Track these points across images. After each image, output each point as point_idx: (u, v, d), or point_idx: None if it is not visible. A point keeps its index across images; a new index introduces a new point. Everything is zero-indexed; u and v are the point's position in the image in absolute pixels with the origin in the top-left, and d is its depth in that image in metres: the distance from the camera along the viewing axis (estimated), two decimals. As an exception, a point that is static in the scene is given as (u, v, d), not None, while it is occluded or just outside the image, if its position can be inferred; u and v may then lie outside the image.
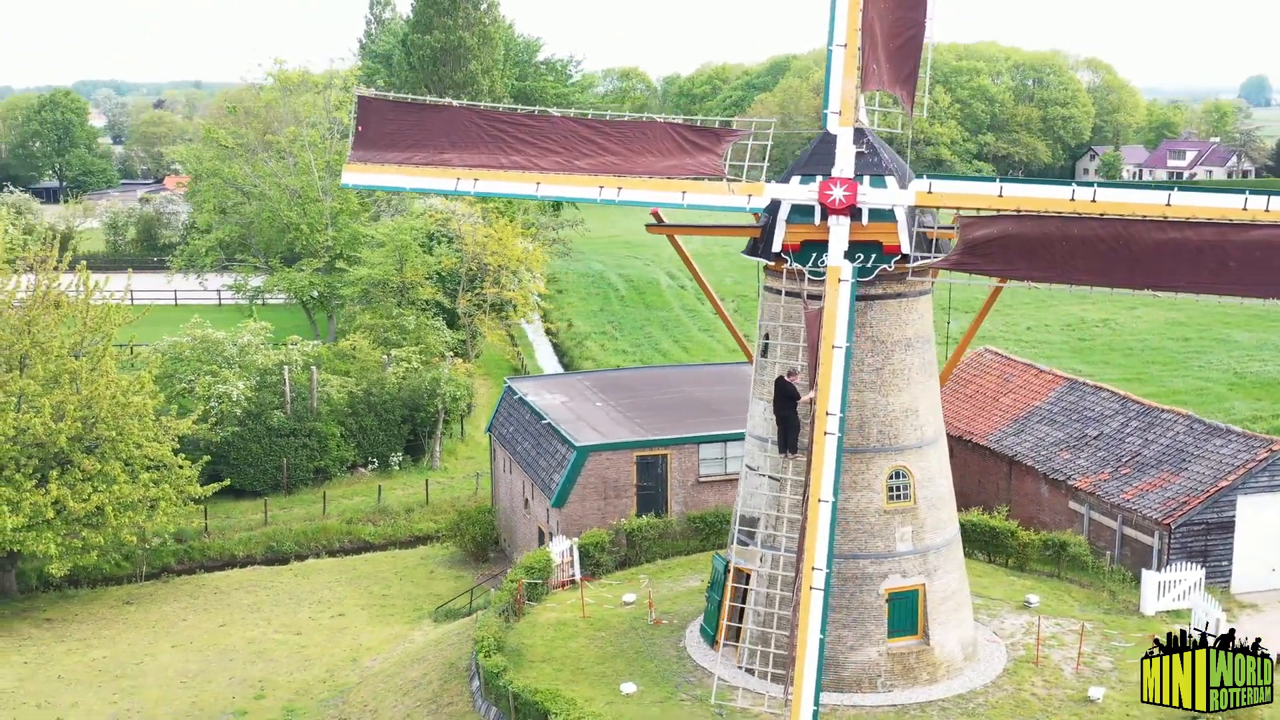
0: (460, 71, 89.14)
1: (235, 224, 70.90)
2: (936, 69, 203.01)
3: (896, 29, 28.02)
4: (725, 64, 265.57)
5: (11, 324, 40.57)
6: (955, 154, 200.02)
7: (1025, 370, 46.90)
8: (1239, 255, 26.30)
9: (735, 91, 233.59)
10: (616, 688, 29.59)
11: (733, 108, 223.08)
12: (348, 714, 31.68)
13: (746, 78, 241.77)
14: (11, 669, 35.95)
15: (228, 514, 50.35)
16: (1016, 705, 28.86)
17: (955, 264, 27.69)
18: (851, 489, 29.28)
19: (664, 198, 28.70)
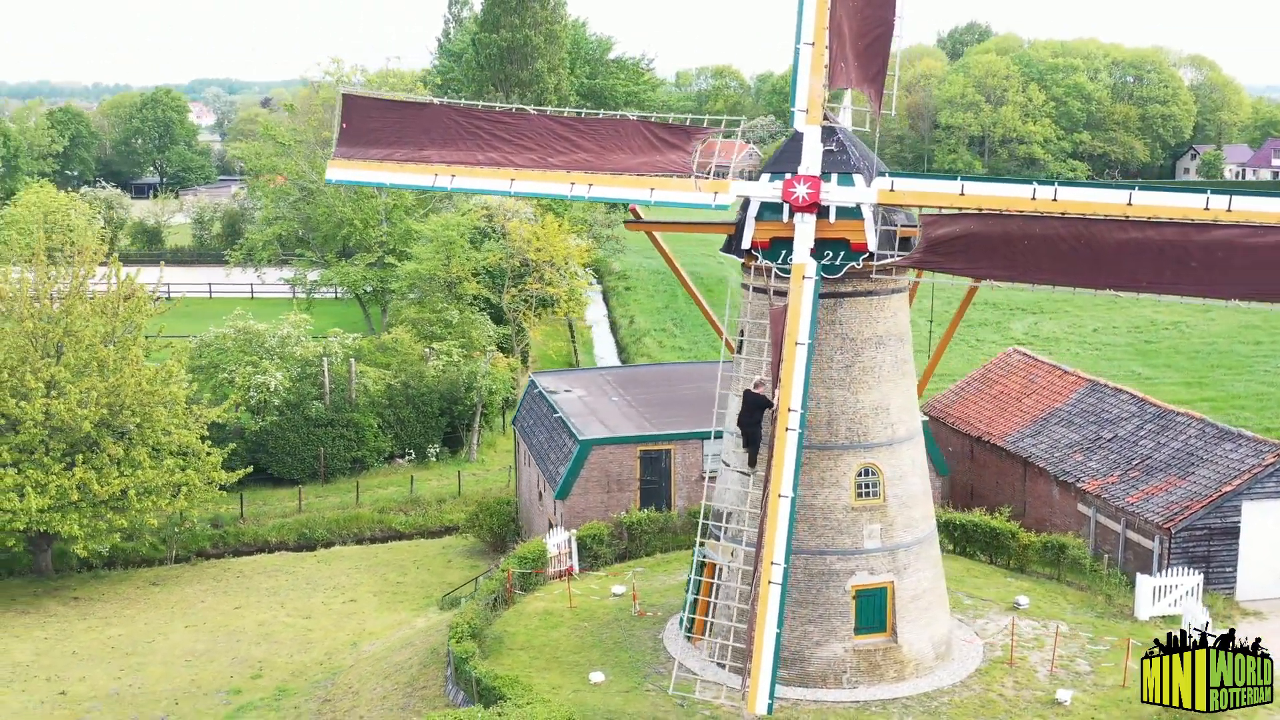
0: (526, 70, 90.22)
1: (293, 219, 72.69)
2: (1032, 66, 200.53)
3: (865, 27, 28.09)
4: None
5: (48, 313, 42.18)
6: (1049, 153, 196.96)
7: (1050, 372, 46.41)
8: (1200, 255, 25.98)
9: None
10: (586, 676, 30.08)
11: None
12: (333, 695, 32.57)
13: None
14: (31, 644, 37.48)
15: (265, 501, 51.75)
16: (982, 705, 28.78)
17: (918, 262, 27.73)
18: (819, 485, 29.43)
19: (632, 194, 29.15)
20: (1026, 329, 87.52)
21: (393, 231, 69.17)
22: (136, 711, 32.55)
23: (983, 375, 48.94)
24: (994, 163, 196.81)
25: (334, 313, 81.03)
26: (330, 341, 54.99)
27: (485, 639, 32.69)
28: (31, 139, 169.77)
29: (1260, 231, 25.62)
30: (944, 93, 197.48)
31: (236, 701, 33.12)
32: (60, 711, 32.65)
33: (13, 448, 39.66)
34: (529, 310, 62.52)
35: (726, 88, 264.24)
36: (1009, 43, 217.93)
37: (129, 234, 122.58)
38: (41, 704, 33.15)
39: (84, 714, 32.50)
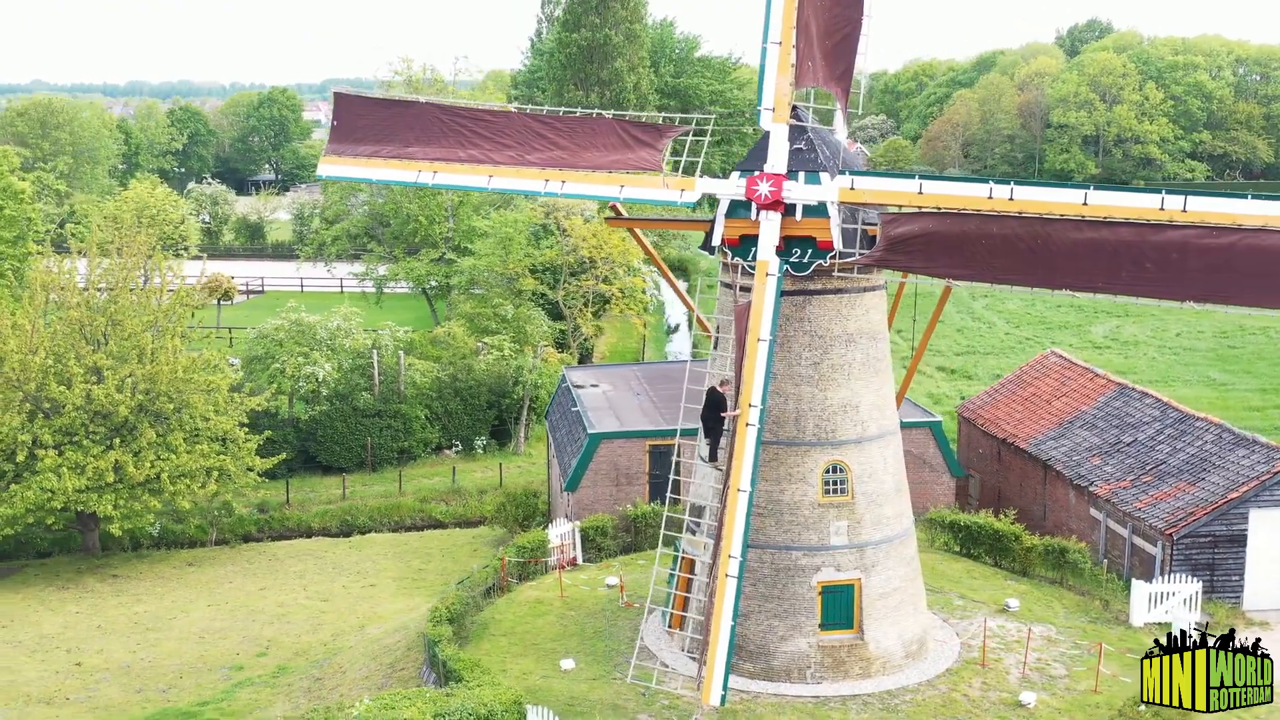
0: (606, 69, 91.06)
1: (363, 215, 74.52)
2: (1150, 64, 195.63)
3: (832, 26, 28.25)
4: (933, 60, 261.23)
5: (96, 303, 44.09)
6: (1165, 153, 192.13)
7: (1083, 374, 45.78)
8: (1155, 256, 25.71)
9: (940, 88, 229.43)
10: (558, 663, 30.76)
11: (936, 105, 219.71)
12: (325, 674, 33.67)
13: (952, 74, 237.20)
14: (62, 617, 39.30)
15: (312, 488, 53.30)
16: (943, 704, 28.75)
17: (878, 260, 27.78)
18: (787, 481, 29.67)
19: (603, 191, 29.60)
20: (1108, 332, 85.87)
21: (458, 228, 70.57)
22: (142, 683, 34.04)
23: (1017, 377, 48.43)
24: (1108, 163, 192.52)
25: (406, 307, 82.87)
26: (380, 334, 56.40)
27: (471, 624, 33.58)
28: (152, 136, 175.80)
29: (1215, 233, 25.27)
30: (1057, 91, 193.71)
31: (236, 677, 34.42)
32: (71, 681, 34.27)
33: (55, 430, 41.58)
34: (585, 307, 63.29)
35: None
36: (1127, 40, 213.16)
37: (233, 229, 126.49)
38: (56, 673, 34.83)
39: (93, 684, 34.07)
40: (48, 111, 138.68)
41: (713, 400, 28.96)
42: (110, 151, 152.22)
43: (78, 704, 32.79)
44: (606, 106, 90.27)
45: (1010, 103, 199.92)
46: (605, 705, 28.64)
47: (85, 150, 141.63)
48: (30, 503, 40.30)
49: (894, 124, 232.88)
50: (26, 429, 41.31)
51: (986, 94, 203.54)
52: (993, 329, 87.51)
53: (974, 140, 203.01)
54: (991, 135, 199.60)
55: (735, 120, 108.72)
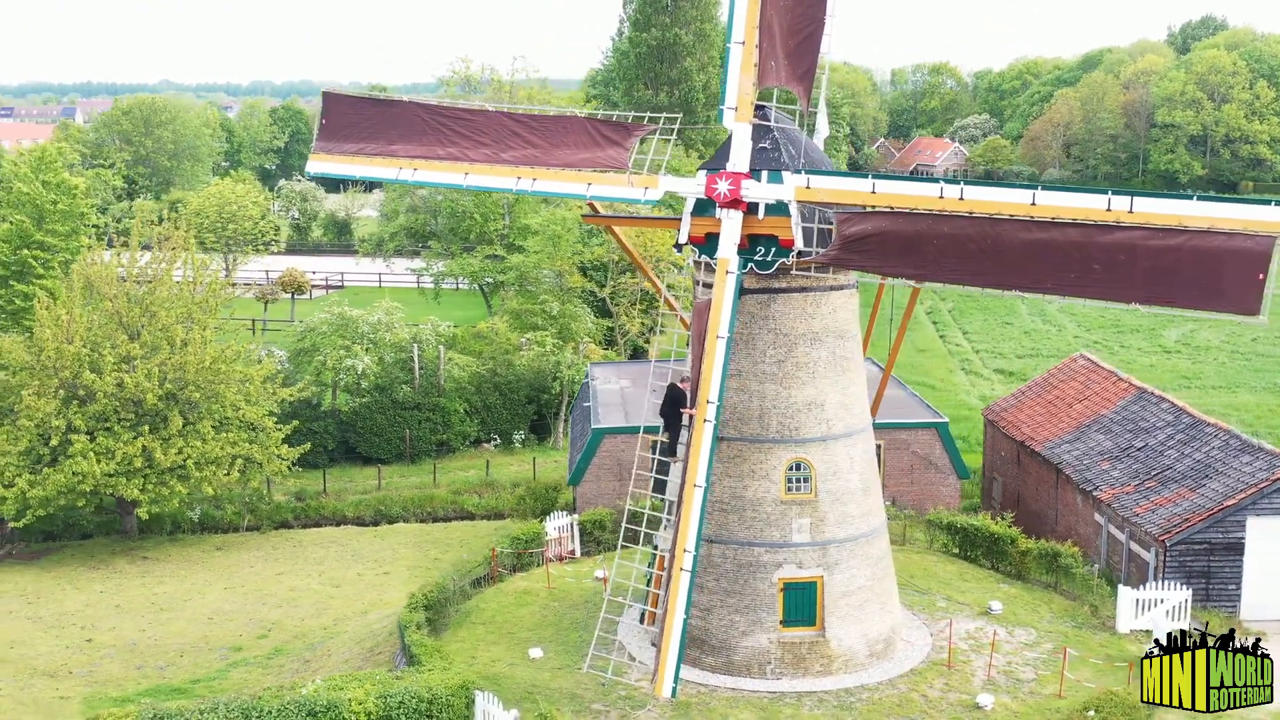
0: (675, 68, 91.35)
1: (423, 211, 75.91)
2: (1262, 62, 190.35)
3: (795, 26, 28.36)
4: (1039, 58, 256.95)
5: (133, 295, 45.74)
6: (1276, 152, 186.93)
7: (1106, 378, 45.12)
8: (1103, 257, 25.50)
9: (1044, 87, 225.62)
10: (527, 652, 31.34)
11: (1040, 103, 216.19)
12: (315, 656, 34.66)
13: (1058, 72, 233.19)
14: (86, 595, 40.91)
15: (351, 478, 54.58)
16: (898, 704, 28.76)
17: (834, 259, 27.86)
18: (750, 477, 29.89)
19: (572, 188, 30.06)
20: (1181, 337, 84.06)
21: (513, 225, 71.55)
22: (143, 660, 35.36)
23: (1044, 381, 47.89)
24: (1215, 164, 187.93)
25: (459, 302, 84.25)
26: (421, 328, 57.54)
27: (455, 612, 34.34)
28: (254, 135, 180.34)
29: (1161, 234, 24.99)
30: (1162, 90, 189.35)
31: (233, 657, 35.57)
32: (78, 656, 35.72)
33: (89, 416, 43.25)
34: (630, 305, 63.82)
35: (942, 85, 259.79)
36: (1240, 37, 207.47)
37: (321, 225, 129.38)
38: (66, 648, 36.32)
39: (98, 660, 35.48)
40: (151, 110, 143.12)
41: (672, 396, 29.28)
42: (212, 149, 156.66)
43: (79, 678, 34.20)
44: (675, 106, 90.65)
45: (1114, 102, 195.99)
46: (564, 694, 29.14)
47: (187, 148, 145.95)
48: (61, 485, 41.95)
49: (996, 123, 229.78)
50: (61, 414, 43.02)
51: (1090, 93, 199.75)
52: (1062, 332, 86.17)
53: (1076, 140, 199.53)
54: (1094, 135, 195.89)
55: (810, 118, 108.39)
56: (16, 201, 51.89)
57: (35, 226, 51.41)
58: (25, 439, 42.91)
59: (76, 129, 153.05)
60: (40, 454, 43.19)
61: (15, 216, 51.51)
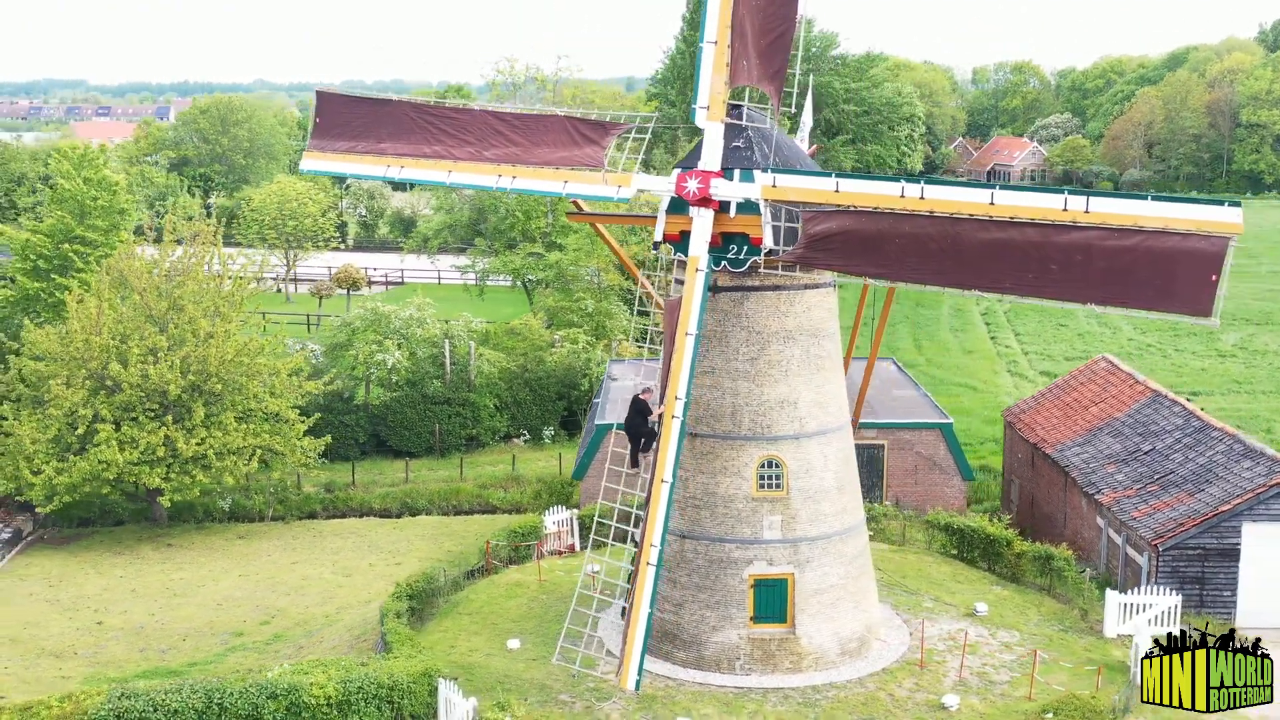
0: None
1: (465, 209, 76.81)
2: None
3: (767, 26, 28.55)
4: (1124, 56, 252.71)
5: (162, 288, 46.95)
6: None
7: (1124, 381, 44.59)
8: (1060, 257, 25.42)
9: (1127, 85, 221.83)
10: (506, 643, 31.84)
11: (1122, 102, 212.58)
12: (309, 642, 35.45)
13: (1142, 71, 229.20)
14: (106, 580, 42.13)
15: (381, 471, 55.47)
16: (864, 702, 28.81)
17: (800, 257, 27.98)
18: (722, 474, 30.10)
19: (550, 186, 30.45)
20: (1239, 341, 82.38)
21: (555, 222, 72.17)
22: (147, 643, 36.40)
23: (1064, 383, 47.44)
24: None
25: (511, 300, 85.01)
26: (453, 324, 58.30)
27: (444, 603, 34.95)
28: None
29: (1118, 234, 24.86)
30: (1248, 88, 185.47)
31: (233, 643, 36.47)
32: (86, 638, 36.87)
33: (115, 406, 44.50)
34: (665, 302, 64.02)
35: (1025, 84, 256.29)
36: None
37: (388, 223, 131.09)
38: (77, 630, 37.50)
39: (104, 642, 36.59)
40: (228, 109, 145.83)
41: (636, 408, 29.52)
42: (287, 147, 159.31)
43: (82, 658, 35.31)
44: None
45: (1198, 101, 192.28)
46: (534, 685, 29.59)
47: (262, 145, 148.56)
48: (86, 473, 43.22)
49: (1079, 123, 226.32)
50: (89, 404, 44.32)
51: (1172, 92, 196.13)
52: (1116, 334, 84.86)
53: (1157, 140, 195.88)
54: (1176, 135, 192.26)
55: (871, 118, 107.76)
56: (60, 198, 53.51)
57: (77, 222, 52.96)
58: (54, 427, 44.26)
59: (157, 127, 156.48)
60: (69, 442, 44.52)
61: (57, 212, 53.12)
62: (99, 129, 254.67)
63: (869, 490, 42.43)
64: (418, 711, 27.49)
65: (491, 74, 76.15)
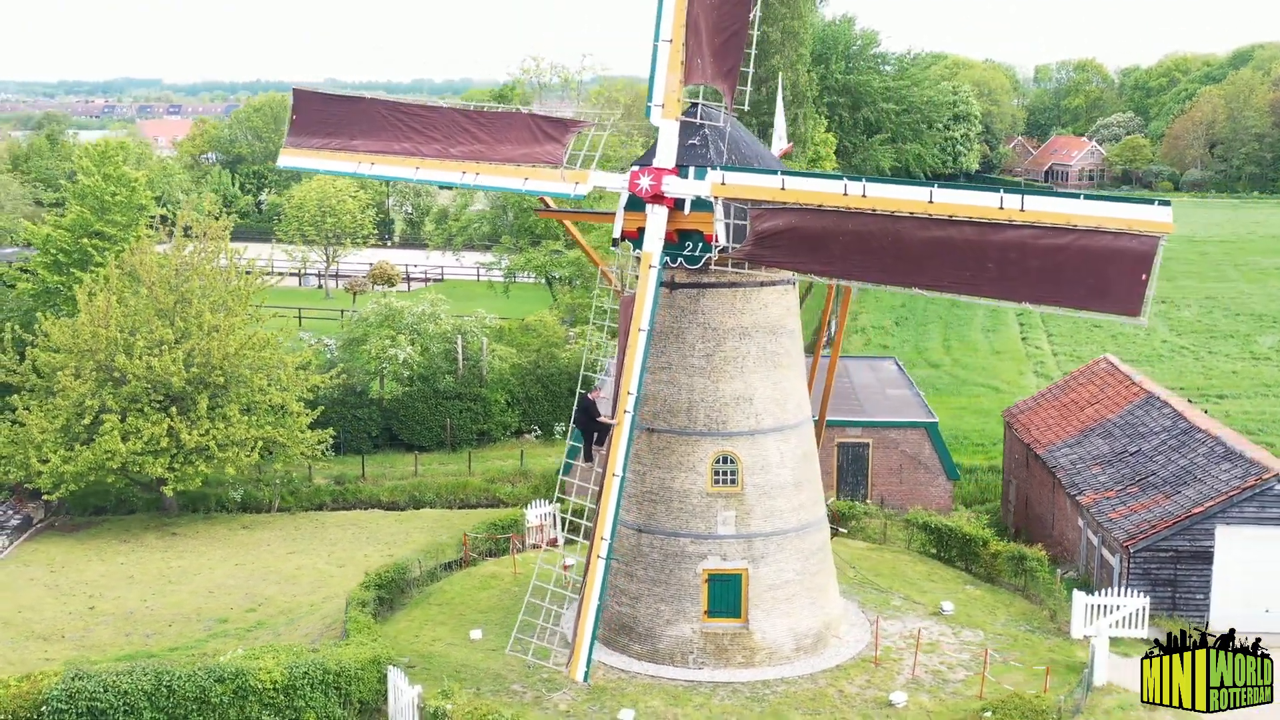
0: (762, 65, 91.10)
1: (490, 206, 77.51)
2: None
3: (721, 25, 28.72)
4: (1189, 54, 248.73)
5: (169, 282, 47.93)
6: None
7: (1121, 382, 44.23)
8: (996, 256, 25.43)
9: (1191, 84, 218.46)
10: (469, 633, 32.30)
11: (1185, 101, 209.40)
12: (287, 630, 36.12)
13: (1207, 69, 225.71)
14: (106, 567, 43.12)
15: (392, 464, 56.18)
16: (811, 698, 28.94)
17: (748, 255, 28.14)
18: (677, 469, 30.35)
19: (511, 183, 30.96)
20: (1275, 344, 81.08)
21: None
22: (133, 628, 37.26)
23: (1064, 384, 47.16)
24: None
25: (537, 297, 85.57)
26: (466, 320, 58.91)
27: (418, 592, 35.52)
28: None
29: (1052, 233, 24.82)
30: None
31: (216, 629, 37.23)
32: (76, 622, 37.80)
33: (121, 397, 45.52)
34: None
35: (1087, 82, 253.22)
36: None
37: (434, 220, 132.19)
38: (69, 614, 38.45)
39: (93, 626, 37.50)
40: (281, 107, 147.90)
41: (583, 407, 29.86)
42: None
43: (69, 642, 36.23)
44: (761, 103, 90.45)
45: (1262, 100, 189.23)
46: (489, 674, 30.03)
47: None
48: (90, 462, 44.28)
49: (1141, 122, 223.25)
50: (96, 395, 45.38)
51: (1233, 90, 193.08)
52: (1151, 336, 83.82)
53: (1219, 139, 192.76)
54: (1239, 134, 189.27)
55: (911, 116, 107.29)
56: (80, 194, 54.77)
57: (96, 217, 54.19)
58: (62, 417, 45.35)
59: (212, 125, 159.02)
60: (76, 431, 45.59)
61: (78, 208, 54.37)
62: (165, 127, 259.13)
63: (854, 488, 42.52)
64: (367, 698, 28.05)
65: (516, 72, 76.76)
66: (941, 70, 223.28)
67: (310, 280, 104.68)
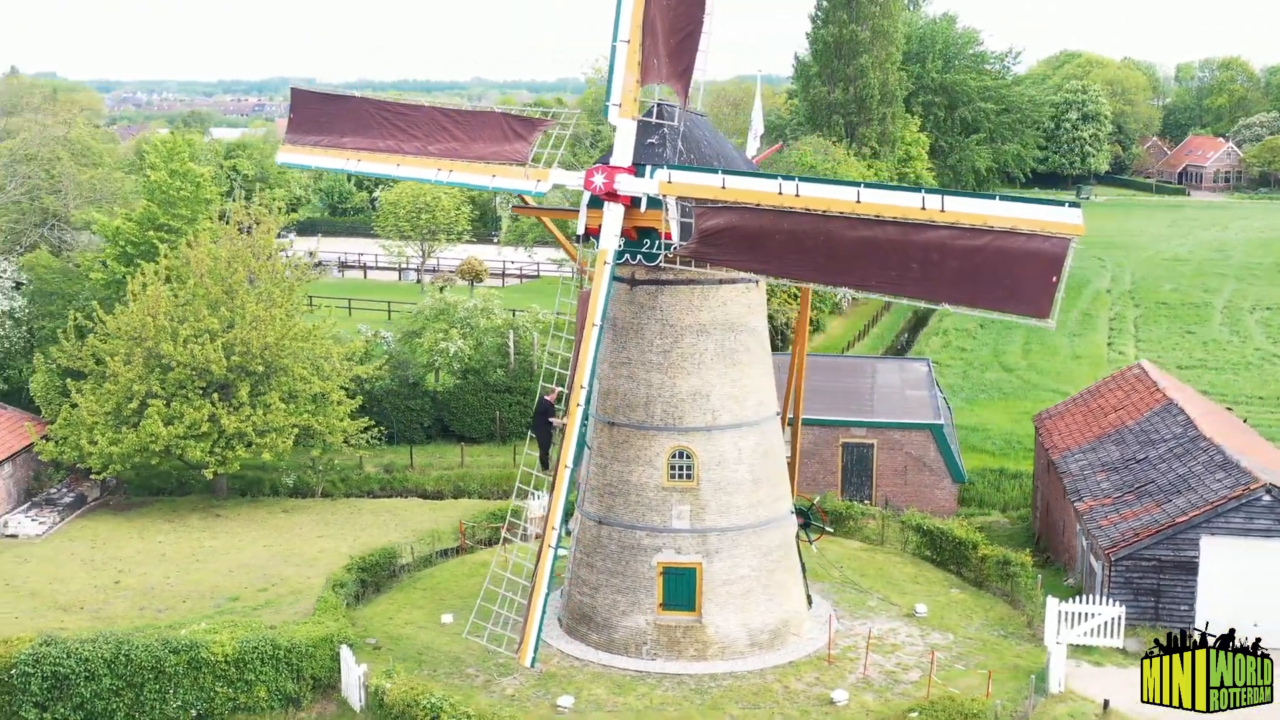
0: (851, 65, 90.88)
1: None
2: None
3: (676, 25, 29.14)
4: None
5: (218, 274, 49.86)
6: None
7: (1148, 389, 43.33)
8: (919, 256, 25.46)
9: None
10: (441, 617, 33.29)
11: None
12: (286, 609, 37.47)
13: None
14: (146, 544, 45.10)
15: (442, 455, 57.58)
16: (755, 692, 29.21)
17: (693, 253, 28.52)
18: (635, 463, 30.86)
19: (480, 180, 31.70)
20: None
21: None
22: (147, 603, 38.98)
23: (1095, 389, 46.38)
24: None
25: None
26: (518, 315, 59.94)
27: (406, 577, 36.65)
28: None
29: (970, 234, 24.75)
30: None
31: (226, 606, 38.69)
32: (98, 594, 39.70)
33: (167, 383, 47.59)
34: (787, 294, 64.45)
35: (1231, 81, 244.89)
36: None
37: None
38: (95, 588, 40.40)
39: (112, 599, 39.35)
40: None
41: (541, 407, 30.53)
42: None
43: (86, 613, 38.09)
44: (849, 103, 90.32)
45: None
46: (449, 656, 30.96)
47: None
48: (135, 444, 46.40)
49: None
50: (144, 380, 47.50)
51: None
52: (1245, 344, 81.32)
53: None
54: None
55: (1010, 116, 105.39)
56: (149, 188, 57.19)
57: (162, 210, 56.53)
58: (112, 401, 47.58)
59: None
60: (125, 415, 47.78)
61: (145, 202, 56.78)
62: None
63: (858, 489, 42.41)
64: (319, 674, 29.18)
65: (589, 72, 77.71)
66: (1074, 69, 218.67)
67: (409, 275, 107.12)
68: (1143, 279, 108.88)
